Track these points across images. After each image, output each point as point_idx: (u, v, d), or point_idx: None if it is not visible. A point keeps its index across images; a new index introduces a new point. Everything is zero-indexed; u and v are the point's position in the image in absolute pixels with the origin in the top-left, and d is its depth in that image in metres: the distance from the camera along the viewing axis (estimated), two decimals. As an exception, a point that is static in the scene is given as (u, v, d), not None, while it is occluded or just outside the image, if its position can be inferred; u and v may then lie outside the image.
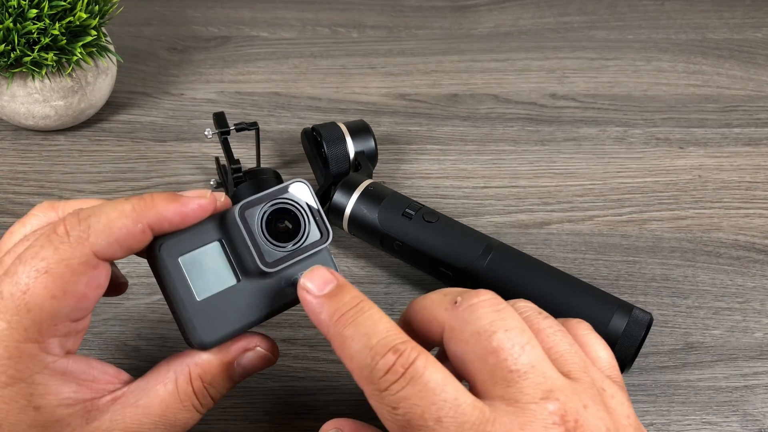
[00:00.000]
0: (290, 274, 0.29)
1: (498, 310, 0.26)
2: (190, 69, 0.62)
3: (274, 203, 0.28)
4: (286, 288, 0.29)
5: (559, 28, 0.69)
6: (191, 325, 0.27)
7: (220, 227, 0.28)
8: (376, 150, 0.48)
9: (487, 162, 0.54)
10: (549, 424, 0.23)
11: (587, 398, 0.24)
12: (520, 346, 0.24)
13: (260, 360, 0.29)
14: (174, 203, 0.27)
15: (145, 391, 0.27)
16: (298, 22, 0.68)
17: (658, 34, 0.69)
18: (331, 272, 0.27)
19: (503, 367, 0.24)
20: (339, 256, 0.46)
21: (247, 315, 0.28)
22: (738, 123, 0.58)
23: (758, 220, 0.49)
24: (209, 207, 0.28)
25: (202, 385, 0.28)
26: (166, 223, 0.27)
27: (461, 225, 0.42)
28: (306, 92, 0.60)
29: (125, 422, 0.26)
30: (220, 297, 0.28)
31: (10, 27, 0.46)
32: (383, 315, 0.26)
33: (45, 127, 0.53)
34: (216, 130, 0.46)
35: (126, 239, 0.26)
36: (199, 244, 0.28)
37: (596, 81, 0.62)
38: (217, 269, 0.28)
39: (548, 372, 0.24)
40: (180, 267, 0.27)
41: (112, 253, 0.26)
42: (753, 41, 0.68)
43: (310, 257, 0.29)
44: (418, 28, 0.68)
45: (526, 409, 0.23)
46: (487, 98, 0.60)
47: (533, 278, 0.39)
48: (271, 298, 0.29)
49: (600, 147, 0.55)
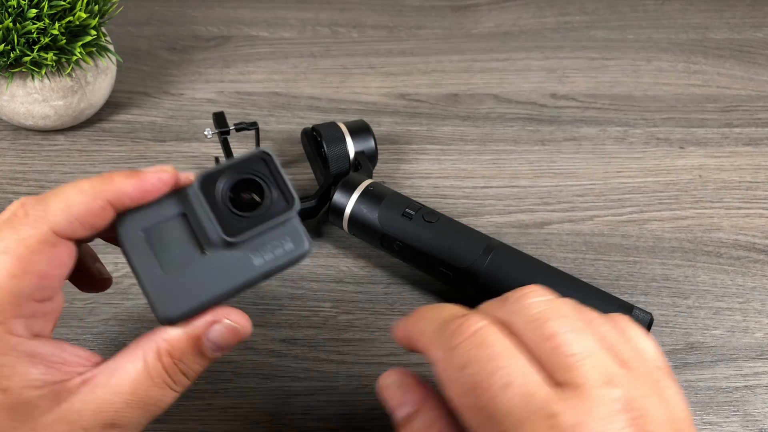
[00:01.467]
0: (258, 245, 0.28)
1: (548, 299, 0.25)
2: (190, 69, 0.62)
3: (236, 173, 0.28)
4: (255, 260, 0.28)
5: (559, 28, 0.69)
6: (156, 300, 0.27)
7: (183, 201, 0.28)
8: (376, 150, 0.48)
9: (487, 162, 0.54)
10: (614, 410, 0.22)
11: (646, 388, 0.23)
12: (576, 332, 0.24)
13: (229, 333, 0.28)
14: (133, 178, 0.27)
15: (115, 371, 0.27)
16: (298, 22, 0.68)
17: (659, 33, 0.69)
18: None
19: (561, 353, 0.23)
20: (339, 256, 0.46)
21: (214, 288, 0.27)
22: (738, 123, 0.58)
23: (759, 220, 0.49)
24: (170, 181, 0.28)
25: (172, 361, 0.27)
26: (126, 199, 0.27)
27: (462, 225, 0.42)
28: (306, 92, 0.60)
29: (96, 403, 0.26)
30: (185, 270, 0.27)
31: (10, 27, 0.46)
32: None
33: (44, 127, 0.53)
34: (216, 130, 0.46)
35: (86, 216, 0.26)
36: (162, 218, 0.27)
37: (597, 81, 0.62)
38: (181, 243, 0.27)
39: (606, 359, 0.24)
40: (143, 241, 0.27)
41: (72, 230, 0.26)
42: (753, 41, 0.68)
43: (278, 228, 0.28)
44: (418, 28, 0.68)
45: (591, 394, 0.22)
46: (488, 98, 0.60)
47: (533, 278, 0.39)
48: (238, 270, 0.28)
49: (600, 147, 0.55)
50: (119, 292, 0.43)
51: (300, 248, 0.28)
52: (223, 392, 0.38)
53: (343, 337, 0.41)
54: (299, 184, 0.51)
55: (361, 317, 0.42)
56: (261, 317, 0.42)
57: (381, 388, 0.28)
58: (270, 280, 0.44)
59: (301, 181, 0.51)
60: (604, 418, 0.22)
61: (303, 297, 0.43)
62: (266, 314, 0.42)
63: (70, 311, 0.41)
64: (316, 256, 0.46)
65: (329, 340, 0.41)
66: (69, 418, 0.26)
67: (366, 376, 0.39)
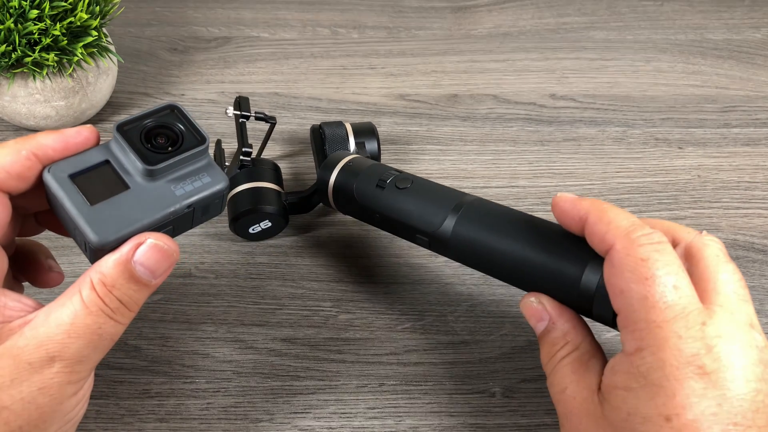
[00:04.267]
0: (179, 179, 0.31)
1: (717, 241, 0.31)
2: (191, 69, 0.62)
3: (149, 120, 0.31)
4: (176, 191, 0.31)
5: (558, 29, 0.69)
6: (89, 228, 0.29)
7: (106, 151, 0.31)
8: (379, 153, 0.49)
9: (486, 162, 0.54)
10: (746, 325, 0.28)
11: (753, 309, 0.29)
12: (726, 263, 0.30)
13: (156, 253, 0.29)
14: (55, 133, 0.30)
15: (55, 308, 0.28)
16: (298, 23, 0.69)
17: (658, 34, 0.69)
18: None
19: (715, 279, 0.29)
20: (339, 256, 0.46)
21: (142, 215, 0.30)
22: (737, 123, 0.58)
23: (757, 220, 0.50)
24: (91, 135, 0.31)
25: (106, 289, 0.28)
26: (49, 150, 0.30)
27: (436, 186, 0.40)
28: (306, 92, 0.60)
29: (38, 338, 0.27)
30: (112, 203, 0.29)
31: (11, 27, 0.46)
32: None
33: (46, 128, 0.53)
34: (237, 112, 0.48)
35: (13, 166, 0.29)
36: (88, 164, 0.30)
37: (595, 81, 0.62)
38: (107, 183, 0.30)
39: (739, 287, 0.29)
40: (70, 183, 0.29)
41: (3, 180, 0.29)
42: (752, 41, 0.68)
43: (196, 164, 0.31)
44: (418, 29, 0.69)
45: (731, 312, 0.28)
46: (487, 98, 0.60)
47: (504, 234, 0.35)
48: (162, 199, 0.30)
49: (599, 147, 0.55)
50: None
51: (217, 182, 0.31)
52: (223, 391, 0.39)
53: (343, 336, 0.42)
54: (300, 179, 0.51)
55: (361, 317, 0.43)
56: (261, 317, 0.42)
57: (523, 306, 0.33)
58: (269, 282, 0.44)
59: (301, 176, 0.52)
60: (739, 330, 0.27)
61: (303, 296, 0.44)
62: (266, 314, 0.43)
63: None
64: (316, 256, 0.46)
65: (329, 340, 0.41)
66: (12, 353, 0.27)
67: (366, 375, 0.40)
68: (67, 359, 0.27)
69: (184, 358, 0.40)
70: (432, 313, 0.43)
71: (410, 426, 0.37)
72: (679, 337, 0.26)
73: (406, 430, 0.37)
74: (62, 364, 0.27)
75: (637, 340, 0.27)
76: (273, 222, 0.45)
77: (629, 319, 0.28)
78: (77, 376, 0.28)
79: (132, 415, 0.37)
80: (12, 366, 0.27)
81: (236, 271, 0.45)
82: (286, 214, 0.45)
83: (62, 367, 0.27)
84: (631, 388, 0.27)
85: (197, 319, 0.42)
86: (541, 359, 0.33)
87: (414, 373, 0.40)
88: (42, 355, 0.27)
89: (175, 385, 0.39)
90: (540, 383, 0.39)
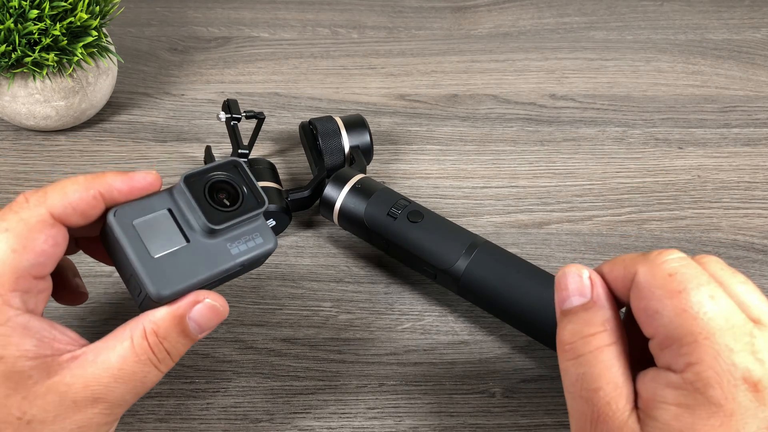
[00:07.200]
0: (234, 237, 0.32)
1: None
2: (191, 69, 0.62)
3: (214, 175, 0.32)
4: (232, 249, 0.32)
5: (558, 29, 0.69)
6: (148, 280, 0.29)
7: (169, 198, 0.31)
8: (371, 144, 0.49)
9: (486, 162, 0.54)
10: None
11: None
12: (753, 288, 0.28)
13: (210, 312, 0.30)
14: (122, 175, 0.31)
15: (104, 350, 0.29)
16: (298, 23, 0.69)
17: (657, 34, 0.69)
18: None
19: (755, 297, 0.27)
20: (339, 256, 0.46)
21: (199, 271, 0.30)
22: (737, 123, 0.58)
23: (757, 220, 0.50)
24: (155, 181, 0.31)
25: (157, 340, 0.29)
26: (115, 192, 0.30)
27: (447, 224, 0.42)
28: (306, 92, 0.60)
29: (85, 378, 0.28)
30: (172, 255, 0.30)
31: (11, 27, 0.46)
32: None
33: (46, 128, 0.53)
34: (228, 115, 0.48)
35: (79, 203, 0.29)
36: (151, 212, 0.31)
37: (595, 81, 0.62)
38: (168, 233, 0.31)
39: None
40: (134, 229, 0.30)
41: (67, 215, 0.29)
42: (752, 42, 0.68)
43: (250, 224, 0.33)
44: (418, 29, 0.69)
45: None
46: (487, 98, 0.60)
47: (513, 280, 0.38)
48: (219, 256, 0.31)
49: (599, 147, 0.55)
50: (120, 292, 0.43)
51: (268, 242, 0.33)
52: (223, 391, 0.39)
53: (343, 336, 0.42)
54: (297, 177, 0.51)
55: (361, 317, 0.43)
56: (261, 317, 0.42)
57: (565, 275, 0.29)
58: (269, 280, 0.44)
59: (298, 175, 0.52)
60: None
61: (303, 297, 0.44)
62: (267, 314, 0.43)
63: (71, 311, 0.41)
64: (316, 256, 0.46)
65: (329, 340, 0.41)
66: (59, 390, 0.27)
67: (366, 375, 0.40)
68: (109, 402, 0.28)
69: (183, 358, 0.40)
70: (432, 313, 0.43)
71: (410, 426, 0.37)
72: (730, 351, 0.25)
73: (406, 430, 0.37)
74: (104, 405, 0.28)
75: (686, 356, 0.25)
76: (277, 220, 0.45)
77: (671, 337, 0.26)
78: (114, 417, 0.29)
79: (132, 415, 0.37)
80: (57, 402, 0.27)
81: (236, 271, 0.45)
82: (289, 210, 0.45)
83: (103, 409, 0.28)
84: (687, 405, 0.25)
85: (197, 319, 0.42)
86: (562, 337, 0.29)
87: (414, 373, 0.40)
88: (87, 395, 0.28)
89: (174, 385, 0.39)
90: (540, 383, 0.39)
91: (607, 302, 0.29)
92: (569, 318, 0.29)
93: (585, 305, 0.29)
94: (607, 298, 0.29)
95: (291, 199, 0.46)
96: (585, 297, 0.29)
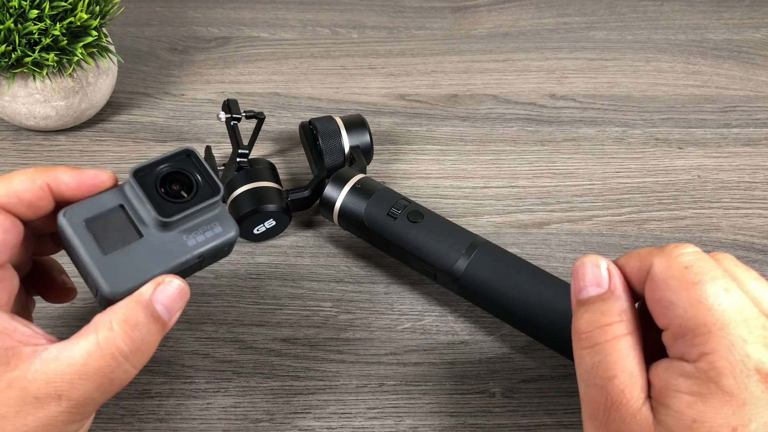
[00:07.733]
0: (191, 229, 0.31)
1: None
2: (191, 69, 0.62)
3: (165, 167, 0.31)
4: (189, 241, 0.31)
5: (558, 29, 0.69)
6: (102, 279, 0.29)
7: (121, 195, 0.31)
8: (371, 144, 0.49)
9: (486, 162, 0.54)
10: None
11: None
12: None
13: (175, 291, 0.29)
14: (72, 170, 0.30)
15: (67, 345, 0.28)
16: (298, 23, 0.69)
17: (658, 34, 0.69)
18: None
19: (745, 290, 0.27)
20: (339, 256, 0.46)
21: (154, 266, 0.30)
22: (737, 123, 0.58)
23: (757, 220, 0.50)
24: (108, 180, 0.31)
25: (128, 329, 0.28)
26: (63, 186, 0.30)
27: (447, 224, 0.42)
28: (306, 92, 0.60)
29: (47, 374, 0.27)
30: (125, 252, 0.30)
31: (11, 27, 0.46)
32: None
33: (46, 128, 0.53)
34: (228, 115, 0.48)
35: (25, 194, 0.29)
36: (101, 210, 0.30)
37: (595, 81, 0.62)
38: (120, 230, 0.30)
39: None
40: (85, 228, 0.30)
41: (13, 204, 0.29)
42: (752, 42, 0.68)
43: (208, 214, 0.31)
44: (418, 29, 0.69)
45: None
46: (487, 98, 0.60)
47: (514, 280, 0.39)
48: (174, 250, 0.31)
49: (599, 147, 0.55)
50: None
51: (228, 231, 0.32)
52: (223, 391, 0.39)
53: (343, 336, 0.42)
54: (297, 177, 0.51)
55: (361, 317, 0.43)
56: (261, 317, 0.42)
57: (582, 265, 0.30)
58: (265, 279, 0.44)
59: (298, 175, 0.52)
60: None
61: (303, 297, 0.44)
62: (266, 314, 0.43)
63: (70, 311, 0.41)
64: (316, 256, 0.46)
65: (329, 340, 0.41)
66: (21, 385, 0.27)
67: (366, 375, 0.40)
68: (74, 400, 0.27)
69: (183, 358, 0.40)
70: (432, 313, 0.43)
71: (410, 426, 0.37)
72: (744, 342, 0.25)
73: (406, 430, 0.37)
74: (69, 403, 0.27)
75: (700, 345, 0.26)
76: (277, 220, 0.45)
77: (685, 327, 0.26)
78: (81, 416, 0.28)
79: (132, 415, 0.37)
80: (19, 398, 0.27)
81: (236, 271, 0.45)
82: (289, 210, 0.45)
83: (68, 407, 0.27)
84: (701, 393, 0.25)
85: (197, 319, 0.42)
86: (578, 326, 0.29)
87: (414, 373, 0.40)
88: (50, 392, 0.27)
89: (174, 385, 0.39)
90: (540, 383, 0.39)
91: (624, 293, 0.29)
92: (586, 307, 0.29)
93: (602, 296, 0.29)
94: (624, 290, 0.29)
95: (291, 199, 0.46)
96: (602, 287, 0.29)
